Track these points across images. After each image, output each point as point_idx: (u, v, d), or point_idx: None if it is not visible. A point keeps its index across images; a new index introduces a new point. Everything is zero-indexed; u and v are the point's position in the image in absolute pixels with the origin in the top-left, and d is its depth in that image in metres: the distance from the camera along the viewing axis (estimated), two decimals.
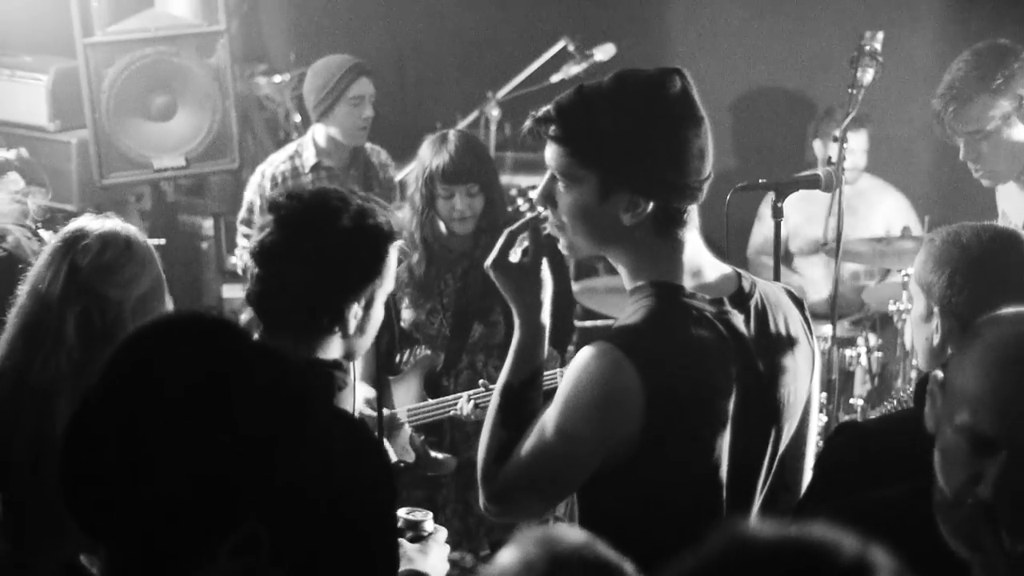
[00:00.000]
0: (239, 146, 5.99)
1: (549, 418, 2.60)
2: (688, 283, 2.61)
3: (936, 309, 2.77)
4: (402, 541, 2.89)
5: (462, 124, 6.04)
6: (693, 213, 2.65)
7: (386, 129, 5.66)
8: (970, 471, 2.05)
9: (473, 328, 4.77)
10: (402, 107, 7.34)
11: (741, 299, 2.65)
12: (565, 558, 1.59)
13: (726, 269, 2.72)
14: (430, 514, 2.99)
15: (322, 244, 2.66)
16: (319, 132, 5.60)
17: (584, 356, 2.53)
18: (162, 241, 5.83)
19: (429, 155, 4.64)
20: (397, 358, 4.83)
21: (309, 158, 5.59)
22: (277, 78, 7.28)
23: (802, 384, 2.73)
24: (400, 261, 4.33)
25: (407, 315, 4.74)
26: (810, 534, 1.39)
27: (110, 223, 3.31)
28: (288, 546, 2.48)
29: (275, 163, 5.66)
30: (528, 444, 2.63)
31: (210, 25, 5.79)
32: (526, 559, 1.60)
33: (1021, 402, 2.02)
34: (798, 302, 2.79)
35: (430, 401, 4.68)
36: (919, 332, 2.85)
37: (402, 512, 2.95)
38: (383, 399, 4.82)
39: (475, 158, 4.63)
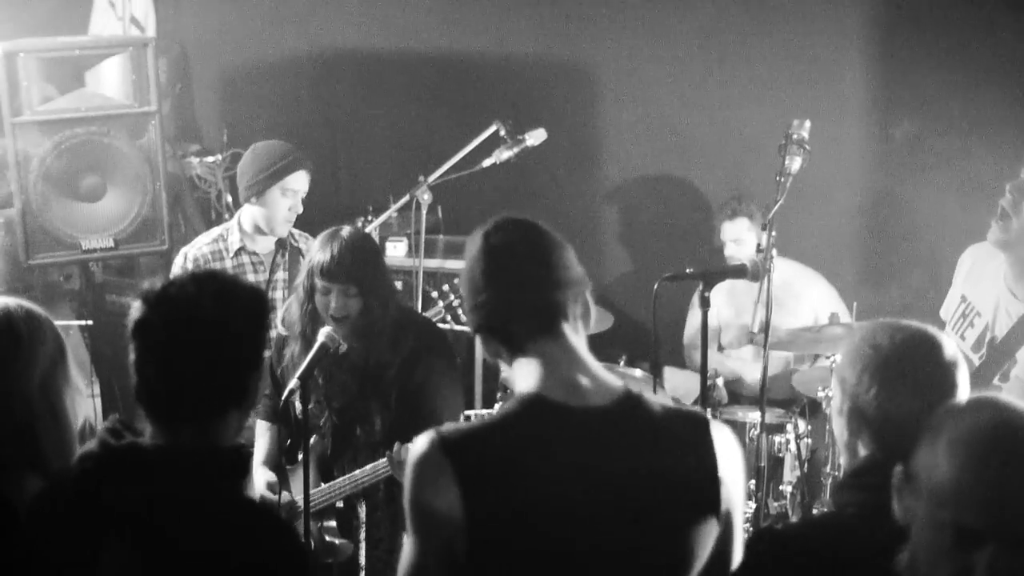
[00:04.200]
0: (169, 227, 5.95)
1: None
2: (556, 393, 2.61)
3: (847, 405, 2.79)
4: None
5: (394, 207, 6.03)
6: (556, 332, 2.67)
7: (318, 211, 5.64)
8: (958, 564, 2.08)
9: (355, 428, 4.76)
10: (334, 190, 7.35)
11: (613, 413, 2.62)
12: None
13: (611, 383, 2.69)
14: None
15: (215, 324, 2.60)
16: (245, 216, 5.53)
17: (411, 451, 2.58)
18: (90, 322, 5.78)
19: (316, 249, 4.61)
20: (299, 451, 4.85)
21: (234, 242, 5.52)
22: (209, 158, 7.27)
23: (682, 504, 2.62)
24: (327, 349, 4.35)
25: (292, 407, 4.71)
26: None
27: None
28: None
29: (199, 245, 5.57)
30: None
31: (141, 106, 5.77)
32: None
33: (1003, 491, 2.06)
34: (698, 427, 2.70)
35: (324, 485, 4.73)
36: (836, 424, 2.86)
37: None
38: (282, 488, 4.84)
39: (357, 260, 4.54)
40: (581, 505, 2.54)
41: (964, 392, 2.71)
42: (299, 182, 5.45)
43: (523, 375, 2.66)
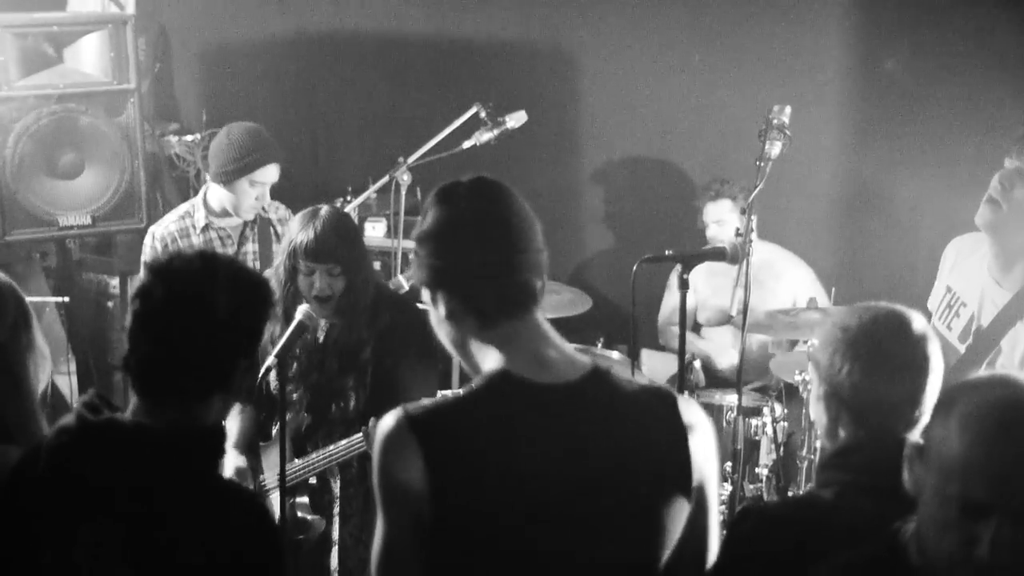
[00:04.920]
0: (147, 205, 5.93)
1: None
2: (523, 369, 2.59)
3: (823, 389, 2.80)
4: None
5: (373, 188, 6.02)
6: (524, 313, 2.65)
7: (297, 192, 5.63)
8: (963, 535, 2.13)
9: (331, 404, 4.75)
10: (314, 170, 7.34)
11: (579, 388, 2.61)
12: None
13: (579, 359, 2.67)
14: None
15: (215, 305, 2.58)
16: (213, 195, 5.50)
17: (379, 428, 2.56)
18: (66, 299, 5.75)
19: (296, 229, 4.58)
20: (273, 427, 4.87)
21: (200, 219, 5.50)
22: (188, 137, 7.24)
23: (651, 478, 2.61)
24: (305, 327, 4.34)
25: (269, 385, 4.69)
26: None
27: None
28: None
29: (165, 223, 5.53)
30: None
31: (120, 83, 5.75)
32: None
33: (1011, 468, 2.11)
34: (665, 402, 2.68)
35: (298, 461, 4.70)
36: (815, 409, 2.87)
37: None
38: (255, 466, 4.83)
39: (340, 239, 4.54)
40: (546, 479, 2.53)
41: (937, 367, 2.73)
42: (268, 175, 5.43)
43: (490, 354, 2.64)
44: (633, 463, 2.60)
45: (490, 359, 2.64)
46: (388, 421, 2.55)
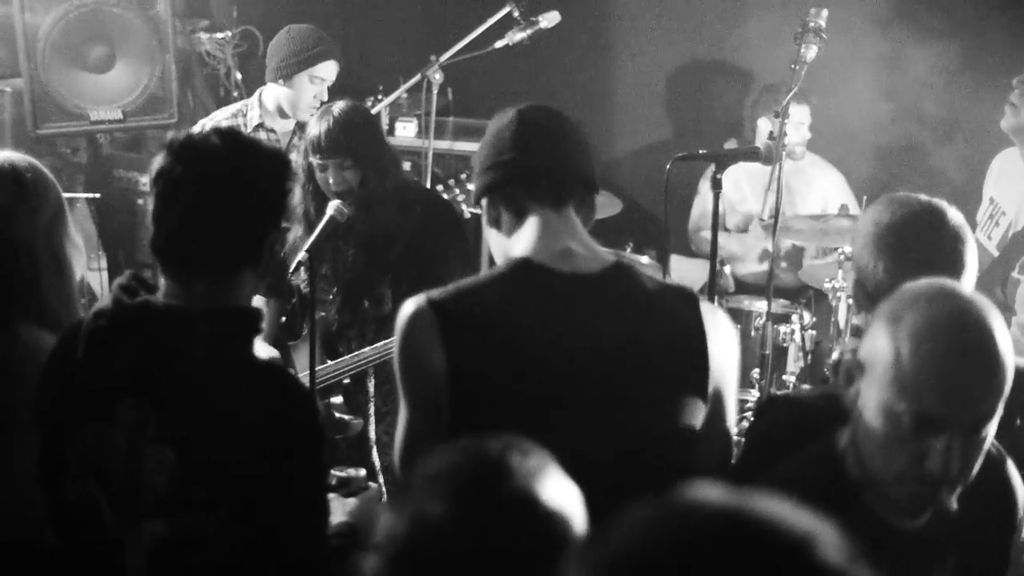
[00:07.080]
0: (178, 102, 5.91)
1: None
2: (545, 258, 2.66)
3: (854, 282, 2.78)
4: (336, 495, 2.94)
5: (404, 87, 5.99)
6: (559, 204, 2.73)
7: (330, 92, 5.60)
8: (913, 449, 2.13)
9: (363, 301, 4.75)
10: (345, 70, 7.25)
11: (600, 279, 2.67)
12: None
13: (601, 254, 2.74)
14: (363, 471, 3.01)
15: (238, 175, 2.58)
16: (269, 95, 5.49)
17: (401, 312, 2.64)
18: (96, 195, 5.76)
19: (310, 127, 4.60)
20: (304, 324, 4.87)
21: (253, 118, 5.49)
22: (219, 35, 7.19)
23: (666, 370, 2.66)
24: (336, 223, 4.34)
25: (298, 281, 4.67)
26: (756, 506, 1.37)
27: None
28: (223, 495, 2.48)
29: (217, 118, 5.55)
30: None
31: None
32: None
33: (964, 382, 2.11)
34: (688, 302, 2.72)
35: (330, 363, 4.70)
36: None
37: (335, 471, 3.04)
38: (285, 364, 4.83)
39: (348, 132, 4.52)
40: (560, 363, 2.59)
41: (971, 264, 2.69)
42: (328, 71, 5.43)
43: (518, 242, 2.71)
44: (648, 354, 2.64)
45: (517, 246, 2.71)
46: (409, 305, 2.62)
